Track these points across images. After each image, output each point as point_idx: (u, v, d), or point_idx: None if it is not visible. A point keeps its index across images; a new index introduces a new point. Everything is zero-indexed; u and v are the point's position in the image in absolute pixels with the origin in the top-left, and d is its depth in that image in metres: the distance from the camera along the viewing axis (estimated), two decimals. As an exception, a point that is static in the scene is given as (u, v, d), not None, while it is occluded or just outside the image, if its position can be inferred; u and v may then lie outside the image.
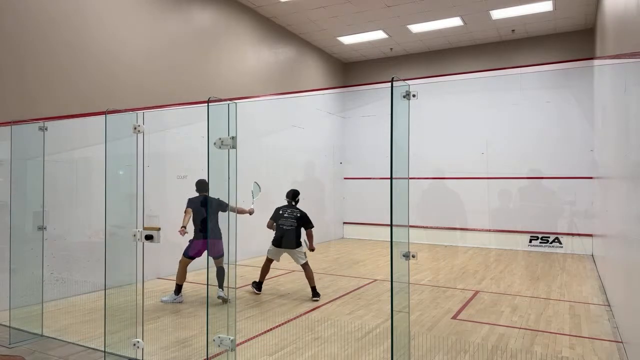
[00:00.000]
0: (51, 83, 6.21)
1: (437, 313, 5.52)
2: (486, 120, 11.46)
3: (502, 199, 11.22)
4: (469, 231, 11.35)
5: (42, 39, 6.10)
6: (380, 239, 11.88)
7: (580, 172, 10.33)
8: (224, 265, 5.67)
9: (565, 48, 11.07)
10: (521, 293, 6.56)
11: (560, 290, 6.80)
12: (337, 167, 13.11)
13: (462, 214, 11.53)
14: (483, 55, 11.96)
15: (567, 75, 11.04)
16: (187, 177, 7.59)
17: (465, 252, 10.40)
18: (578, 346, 4.42)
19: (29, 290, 4.79)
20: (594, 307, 5.85)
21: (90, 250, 6.31)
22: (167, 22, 7.97)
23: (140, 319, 3.91)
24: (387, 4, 9.64)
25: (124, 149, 3.94)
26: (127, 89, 7.20)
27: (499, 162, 11.09)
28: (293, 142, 11.00)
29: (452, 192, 11.62)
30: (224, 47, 9.22)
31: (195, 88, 8.40)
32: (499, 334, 4.76)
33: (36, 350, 4.27)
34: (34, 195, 4.88)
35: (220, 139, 3.23)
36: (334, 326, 4.99)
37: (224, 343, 3.26)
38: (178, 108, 7.61)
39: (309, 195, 11.71)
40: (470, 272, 8.13)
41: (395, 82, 2.92)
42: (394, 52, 12.72)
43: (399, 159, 3.06)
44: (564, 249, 10.50)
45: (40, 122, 4.71)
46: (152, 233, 3.69)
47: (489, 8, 9.76)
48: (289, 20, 10.61)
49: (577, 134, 10.54)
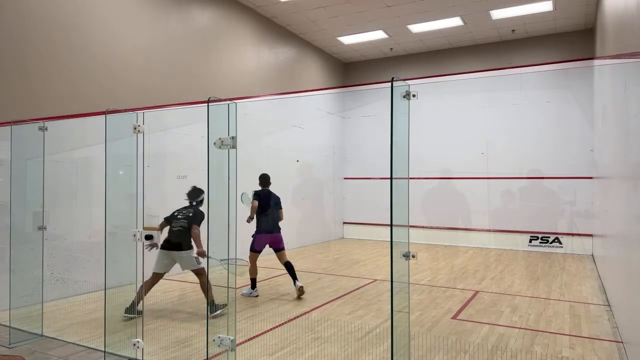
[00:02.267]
0: (51, 83, 6.21)
1: (437, 313, 5.52)
2: (486, 120, 11.46)
3: (502, 199, 11.22)
4: (469, 231, 11.35)
5: (42, 39, 6.10)
6: (380, 239, 11.88)
7: (580, 172, 10.33)
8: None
9: (565, 48, 11.07)
10: (521, 293, 6.56)
11: (560, 290, 6.80)
12: (337, 167, 13.10)
13: (462, 214, 11.54)
14: (483, 55, 11.95)
15: (567, 75, 11.04)
16: (187, 177, 7.59)
17: (465, 252, 10.40)
18: (578, 346, 4.42)
19: (29, 290, 4.79)
20: (594, 307, 5.85)
21: (90, 250, 6.31)
22: (168, 22, 7.97)
23: (140, 319, 3.91)
24: (387, 4, 9.64)
25: (124, 149, 3.94)
26: (127, 89, 7.20)
27: (499, 162, 11.09)
28: (293, 142, 11.00)
29: (452, 192, 11.62)
30: (224, 47, 9.22)
31: (195, 88, 8.40)
32: (499, 334, 4.76)
33: (36, 350, 4.26)
34: (33, 195, 4.87)
35: (220, 139, 3.23)
36: (334, 326, 4.99)
37: (224, 343, 3.26)
38: (178, 108, 7.62)
39: (309, 195, 11.72)
40: (470, 272, 8.13)
41: (395, 82, 2.92)
42: (394, 52, 12.72)
43: (399, 159, 3.06)
44: (564, 249, 10.50)
45: (40, 122, 4.71)
46: (152, 233, 3.68)
47: (489, 8, 9.76)
48: (289, 20, 10.61)
49: (577, 134, 10.54)
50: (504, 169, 11.00)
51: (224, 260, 4.76)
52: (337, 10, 9.95)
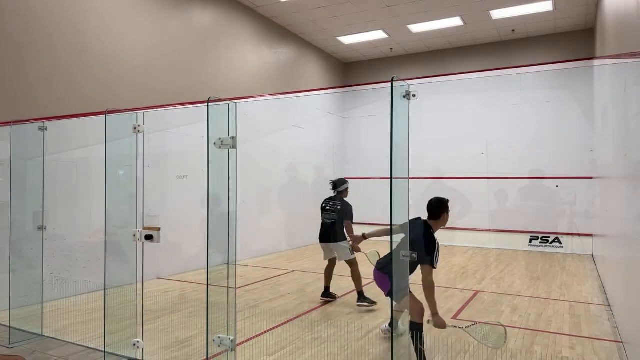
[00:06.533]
0: (51, 83, 6.21)
1: (437, 313, 5.51)
2: (486, 120, 11.45)
3: (502, 199, 11.22)
4: (469, 231, 11.34)
5: (42, 39, 6.10)
6: (380, 238, 11.83)
7: (580, 172, 10.32)
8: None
9: (565, 48, 11.07)
10: (521, 293, 6.56)
11: (560, 290, 6.80)
12: (337, 167, 13.09)
13: (462, 214, 11.53)
14: (483, 55, 11.95)
15: (567, 75, 11.04)
16: (187, 177, 7.59)
17: (465, 252, 10.40)
18: (578, 346, 4.42)
19: (29, 290, 4.79)
20: (594, 307, 5.85)
21: (90, 250, 6.31)
22: (168, 22, 7.97)
23: (140, 319, 3.91)
24: (387, 4, 9.63)
25: (124, 149, 3.94)
26: (127, 89, 7.19)
27: (499, 162, 11.09)
28: (293, 142, 11.00)
29: (452, 192, 11.61)
30: (224, 47, 9.22)
31: (195, 88, 8.40)
32: (499, 333, 4.75)
33: (36, 350, 4.26)
34: (33, 195, 4.87)
35: (220, 139, 3.23)
36: (334, 326, 4.99)
37: (224, 343, 3.26)
38: (178, 108, 7.61)
39: (309, 195, 11.70)
40: (470, 272, 8.13)
41: (395, 82, 2.91)
42: (394, 52, 12.72)
43: (399, 159, 3.05)
44: (564, 249, 10.49)
45: (40, 122, 4.71)
46: (152, 233, 3.68)
47: (489, 8, 9.76)
48: (289, 20, 10.61)
49: (577, 134, 10.54)
50: (504, 169, 10.99)
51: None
52: (337, 10, 9.95)
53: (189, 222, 7.31)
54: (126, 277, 3.95)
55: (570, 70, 10.96)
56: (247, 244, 9.24)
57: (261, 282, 7.07)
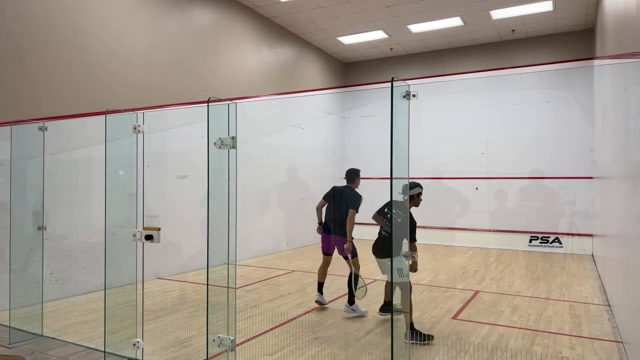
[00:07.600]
0: (51, 83, 6.21)
1: (437, 313, 5.52)
2: (486, 120, 11.45)
3: (502, 199, 11.22)
4: (469, 231, 11.34)
5: (42, 39, 6.10)
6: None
7: (580, 172, 10.32)
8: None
9: (565, 48, 11.07)
10: (521, 293, 6.56)
11: (560, 290, 6.80)
12: (337, 167, 13.09)
13: (462, 214, 11.53)
14: (483, 55, 11.95)
15: (567, 75, 11.04)
16: (187, 177, 7.60)
17: (465, 252, 10.40)
18: (578, 346, 4.42)
19: (29, 290, 4.79)
20: (594, 307, 5.85)
21: (90, 250, 6.31)
22: (168, 22, 7.97)
23: (140, 319, 3.91)
24: (387, 4, 9.63)
25: (124, 149, 3.94)
26: (127, 88, 7.19)
27: (499, 162, 11.09)
28: (293, 142, 10.99)
29: (452, 192, 11.61)
30: (224, 47, 9.22)
31: (195, 88, 8.40)
32: (499, 334, 4.76)
33: (36, 350, 4.26)
34: (33, 195, 4.87)
35: (220, 139, 3.23)
36: (334, 326, 4.99)
37: (224, 343, 3.26)
38: (178, 108, 7.61)
39: (309, 195, 11.70)
40: (470, 272, 8.13)
41: (395, 82, 2.91)
42: (394, 52, 12.72)
43: (399, 159, 3.06)
44: (564, 249, 10.49)
45: (40, 122, 4.71)
46: (152, 233, 3.68)
47: (489, 8, 9.76)
48: (289, 20, 10.61)
49: (577, 134, 10.54)
50: (504, 169, 10.99)
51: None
52: (337, 10, 9.95)
53: (189, 222, 7.32)
54: (126, 277, 3.95)
55: (570, 70, 10.96)
56: (247, 244, 9.23)
57: (261, 282, 7.07)
